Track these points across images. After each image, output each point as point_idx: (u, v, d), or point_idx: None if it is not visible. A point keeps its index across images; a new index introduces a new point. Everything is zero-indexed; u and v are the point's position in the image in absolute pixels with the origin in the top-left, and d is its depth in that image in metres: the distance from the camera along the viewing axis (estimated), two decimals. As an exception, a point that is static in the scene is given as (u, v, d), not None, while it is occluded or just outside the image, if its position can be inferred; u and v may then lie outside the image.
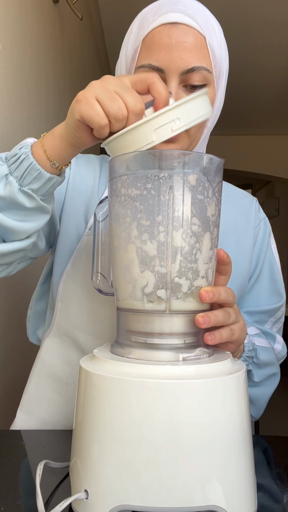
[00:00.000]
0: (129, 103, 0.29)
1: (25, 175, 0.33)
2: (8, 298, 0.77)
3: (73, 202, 0.46)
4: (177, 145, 0.41)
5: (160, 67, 0.38)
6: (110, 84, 0.30)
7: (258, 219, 0.51)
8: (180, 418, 0.26)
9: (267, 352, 0.44)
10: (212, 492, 0.26)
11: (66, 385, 0.46)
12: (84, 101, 0.29)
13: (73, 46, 1.28)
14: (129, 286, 0.31)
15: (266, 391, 0.46)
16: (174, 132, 0.29)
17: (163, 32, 0.39)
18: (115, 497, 0.26)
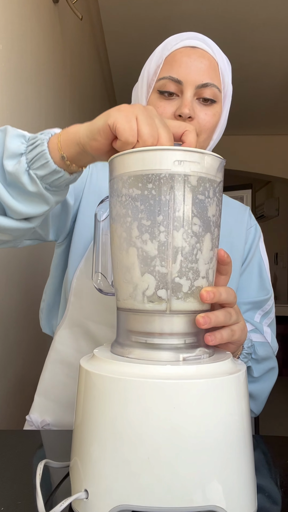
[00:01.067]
0: (162, 136, 0.31)
1: (35, 160, 0.34)
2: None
3: (88, 202, 0.50)
4: None
5: (179, 79, 0.46)
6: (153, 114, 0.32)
7: (249, 224, 0.58)
8: (180, 418, 0.26)
9: (264, 347, 0.46)
10: (212, 492, 0.26)
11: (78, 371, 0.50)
12: (124, 112, 0.31)
13: (73, 46, 1.28)
14: (130, 286, 0.31)
15: (266, 386, 0.47)
16: (188, 172, 0.29)
17: (184, 52, 0.47)
18: (115, 497, 0.26)
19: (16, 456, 0.39)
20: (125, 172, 0.31)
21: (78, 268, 0.50)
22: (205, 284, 0.31)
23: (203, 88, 0.46)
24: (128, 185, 0.30)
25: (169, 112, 0.47)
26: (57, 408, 0.51)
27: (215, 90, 0.47)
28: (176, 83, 0.46)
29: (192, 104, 0.46)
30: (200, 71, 0.46)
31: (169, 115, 0.46)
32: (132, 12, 1.67)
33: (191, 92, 0.46)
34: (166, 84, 0.46)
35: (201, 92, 0.46)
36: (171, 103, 0.47)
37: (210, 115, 0.47)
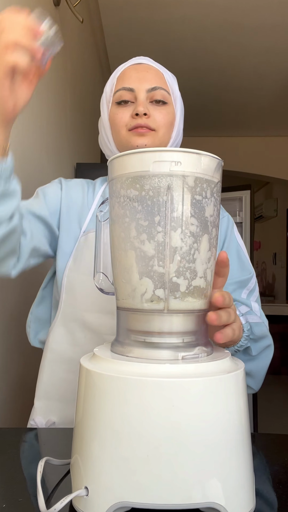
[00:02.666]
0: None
1: None
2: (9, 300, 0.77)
3: (68, 213, 0.56)
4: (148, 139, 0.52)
5: (131, 87, 0.53)
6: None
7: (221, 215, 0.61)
8: (179, 416, 0.26)
9: (260, 327, 0.48)
10: (210, 489, 0.26)
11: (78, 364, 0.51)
12: None
13: (73, 48, 1.28)
14: (128, 286, 0.31)
15: (263, 363, 0.49)
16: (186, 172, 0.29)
17: (131, 68, 0.55)
18: (115, 494, 0.26)
19: (17, 453, 0.39)
20: (123, 173, 0.31)
21: (67, 266, 0.53)
22: (202, 284, 0.31)
23: (153, 91, 0.53)
24: (126, 186, 0.31)
25: (127, 115, 0.53)
26: (62, 406, 0.52)
27: (163, 92, 0.53)
28: (130, 91, 0.53)
29: (146, 105, 0.52)
30: (147, 78, 0.53)
31: (127, 118, 0.52)
32: (133, 15, 1.68)
33: (143, 95, 0.53)
34: (121, 95, 0.53)
35: (152, 95, 0.53)
36: (128, 108, 0.53)
37: (164, 113, 0.53)
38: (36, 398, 0.54)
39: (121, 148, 0.54)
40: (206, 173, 0.31)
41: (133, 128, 0.52)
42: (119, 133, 0.53)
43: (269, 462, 0.38)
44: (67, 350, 0.53)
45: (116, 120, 0.53)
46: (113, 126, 0.54)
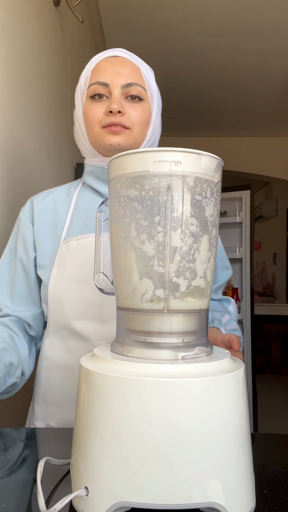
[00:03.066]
0: None
1: None
2: None
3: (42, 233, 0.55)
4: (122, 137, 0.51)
5: (105, 82, 0.51)
6: None
7: None
8: (179, 416, 0.26)
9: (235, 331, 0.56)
10: (210, 489, 0.26)
11: (73, 370, 0.52)
12: None
13: (73, 48, 1.28)
14: (128, 286, 0.31)
15: None
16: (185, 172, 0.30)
17: (107, 61, 0.53)
18: (115, 494, 0.26)
19: (17, 453, 0.39)
20: (123, 174, 0.31)
21: (51, 276, 0.52)
22: (202, 284, 0.31)
23: (128, 87, 0.51)
24: (126, 186, 0.31)
25: (101, 111, 0.51)
26: (59, 411, 0.52)
27: (139, 88, 0.51)
28: (104, 86, 0.51)
29: (121, 102, 0.50)
30: (123, 73, 0.51)
31: (101, 114, 0.51)
32: (133, 15, 1.68)
33: (118, 91, 0.51)
34: (95, 89, 0.51)
35: (127, 91, 0.51)
36: (102, 103, 0.51)
37: (139, 110, 0.52)
38: (35, 404, 0.54)
39: (95, 144, 0.53)
40: (206, 173, 0.31)
41: (106, 126, 0.50)
42: (92, 130, 0.52)
43: (269, 462, 0.38)
44: (61, 357, 0.53)
45: (90, 116, 0.51)
46: (87, 121, 0.52)
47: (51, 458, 0.33)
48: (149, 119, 0.53)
